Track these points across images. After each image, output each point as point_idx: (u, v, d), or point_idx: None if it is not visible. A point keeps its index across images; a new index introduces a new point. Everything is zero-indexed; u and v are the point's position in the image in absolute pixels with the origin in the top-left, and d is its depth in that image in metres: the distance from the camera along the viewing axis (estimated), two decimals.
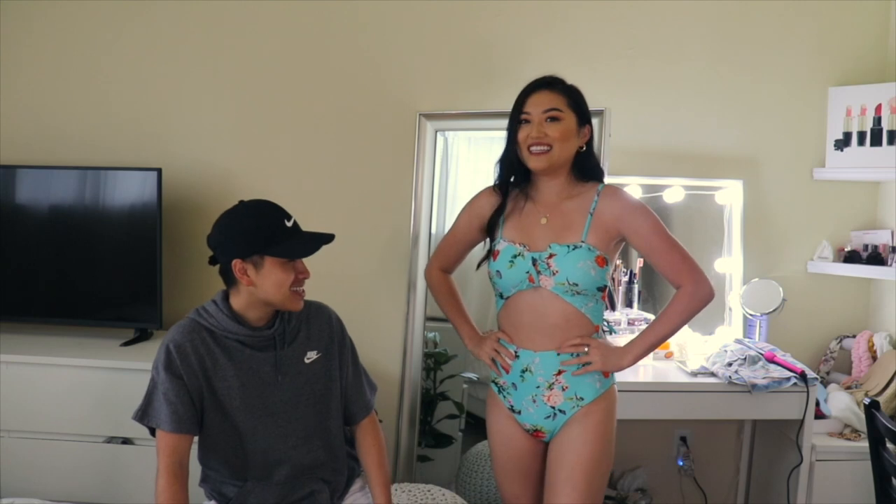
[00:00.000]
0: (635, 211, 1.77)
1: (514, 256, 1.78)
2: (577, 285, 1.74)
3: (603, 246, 1.76)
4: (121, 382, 2.26)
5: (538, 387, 1.79)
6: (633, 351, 1.79)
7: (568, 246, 1.74)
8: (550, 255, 1.74)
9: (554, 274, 1.73)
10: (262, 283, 1.67)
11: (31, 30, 2.66)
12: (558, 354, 1.78)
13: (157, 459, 1.65)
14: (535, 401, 1.80)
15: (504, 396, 1.86)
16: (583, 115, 1.78)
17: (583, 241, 1.74)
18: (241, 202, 1.72)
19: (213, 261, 1.74)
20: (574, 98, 1.78)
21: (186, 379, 1.66)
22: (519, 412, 1.84)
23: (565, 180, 1.80)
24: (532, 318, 1.79)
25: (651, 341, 1.80)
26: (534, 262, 1.75)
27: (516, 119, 1.78)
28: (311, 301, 1.86)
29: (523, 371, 1.81)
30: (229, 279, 1.71)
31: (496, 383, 1.88)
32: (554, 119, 1.74)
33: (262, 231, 1.66)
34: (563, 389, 1.78)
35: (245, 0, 2.64)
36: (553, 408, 1.79)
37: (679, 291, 1.78)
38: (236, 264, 1.66)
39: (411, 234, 2.60)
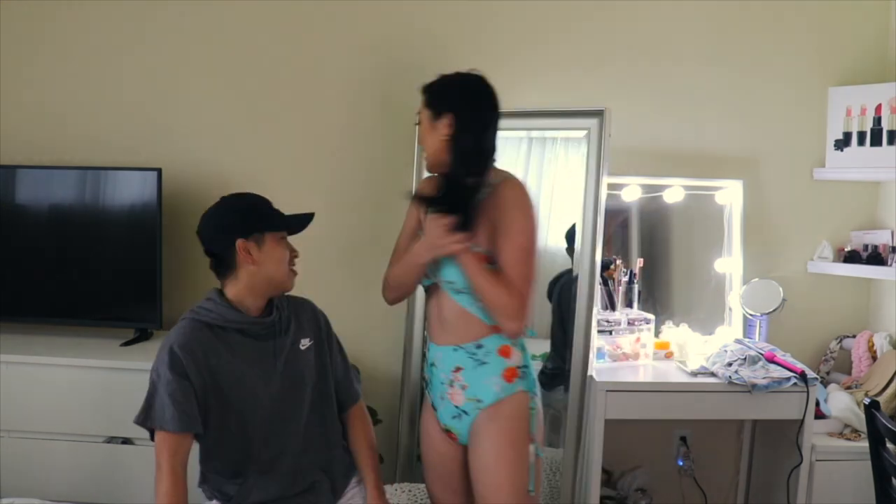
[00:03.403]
0: (517, 206, 1.70)
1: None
2: (453, 283, 1.72)
3: (489, 242, 1.70)
4: (121, 382, 2.26)
5: (442, 383, 1.78)
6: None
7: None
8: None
9: (439, 271, 1.74)
10: (266, 260, 1.72)
11: (31, 30, 2.66)
12: (455, 350, 1.74)
13: (157, 461, 1.65)
14: (442, 398, 1.79)
15: (428, 391, 1.85)
16: (435, 107, 1.75)
17: None
18: (223, 197, 1.80)
19: (209, 252, 1.77)
20: (431, 94, 1.78)
21: (193, 378, 1.67)
22: (436, 409, 1.82)
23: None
24: (434, 313, 1.80)
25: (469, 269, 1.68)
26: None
27: None
28: (293, 295, 1.90)
29: (431, 365, 1.82)
30: (228, 266, 1.74)
31: (423, 377, 1.88)
32: (418, 124, 1.79)
33: (255, 211, 1.75)
34: (463, 388, 1.75)
35: (245, 0, 2.64)
36: (457, 407, 1.76)
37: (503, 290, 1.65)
38: (240, 244, 1.70)
39: None
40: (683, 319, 2.68)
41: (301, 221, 1.81)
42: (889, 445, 1.95)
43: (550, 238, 2.60)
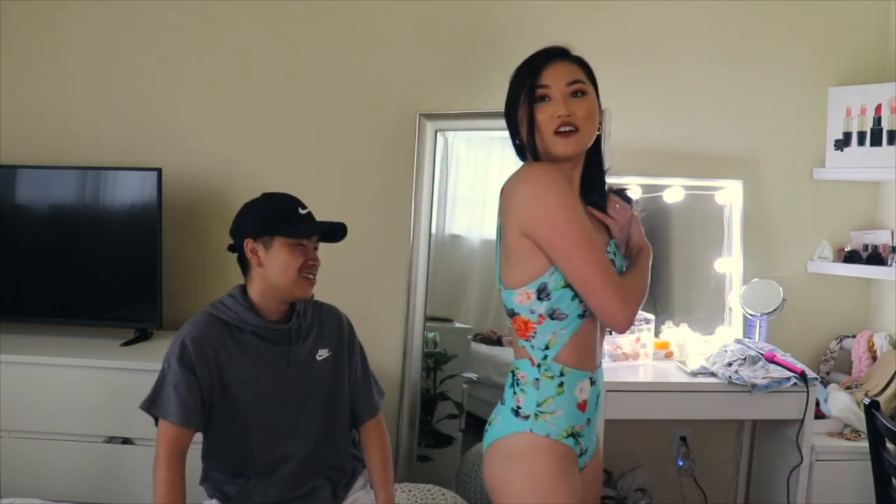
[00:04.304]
0: None
1: (612, 258, 1.46)
2: None
3: None
4: (121, 382, 2.26)
5: (597, 406, 1.52)
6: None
7: (613, 241, 1.55)
8: (613, 254, 1.53)
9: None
10: (270, 264, 1.72)
11: (31, 30, 2.66)
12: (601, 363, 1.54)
13: (157, 449, 1.66)
14: (590, 422, 1.50)
15: (577, 442, 1.45)
16: (598, 96, 1.48)
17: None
18: (263, 193, 1.81)
19: (231, 248, 1.79)
20: (590, 71, 1.47)
21: (199, 373, 1.67)
22: (585, 451, 1.49)
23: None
24: (597, 332, 1.49)
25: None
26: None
27: (531, 96, 1.40)
28: (323, 302, 1.89)
29: (598, 396, 1.49)
30: (243, 264, 1.76)
31: (573, 434, 1.43)
32: (580, 94, 1.40)
33: (274, 214, 1.74)
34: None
35: (244, 0, 2.64)
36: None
37: None
38: (248, 243, 1.72)
39: (411, 234, 2.60)
40: (683, 319, 2.68)
41: (310, 229, 1.75)
42: (889, 445, 1.95)
43: None
